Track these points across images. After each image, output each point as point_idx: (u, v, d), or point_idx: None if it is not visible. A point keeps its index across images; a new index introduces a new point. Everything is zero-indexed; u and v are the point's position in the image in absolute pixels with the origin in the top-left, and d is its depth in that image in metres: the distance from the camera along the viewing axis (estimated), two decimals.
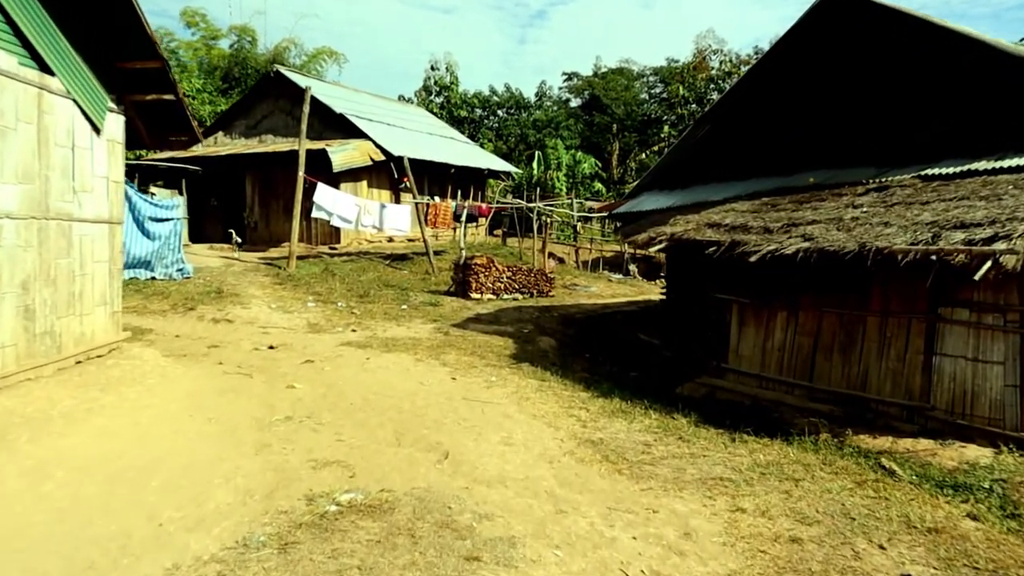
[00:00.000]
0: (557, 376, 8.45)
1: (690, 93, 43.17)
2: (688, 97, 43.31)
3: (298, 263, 17.01)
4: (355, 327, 11.37)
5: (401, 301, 13.78)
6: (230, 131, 22.71)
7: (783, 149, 9.98)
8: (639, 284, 19.28)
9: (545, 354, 10.09)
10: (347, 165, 18.84)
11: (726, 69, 42.93)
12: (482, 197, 24.82)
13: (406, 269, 17.64)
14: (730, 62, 43.10)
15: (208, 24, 35.13)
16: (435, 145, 24.12)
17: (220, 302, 12.39)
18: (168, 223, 14.73)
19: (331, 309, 12.71)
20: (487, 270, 14.26)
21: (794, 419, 7.25)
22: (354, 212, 17.07)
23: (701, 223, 8.28)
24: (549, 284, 15.34)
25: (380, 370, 8.34)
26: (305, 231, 20.20)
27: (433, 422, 6.22)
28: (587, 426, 6.34)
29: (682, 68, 44.59)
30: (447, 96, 44.93)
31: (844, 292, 7.39)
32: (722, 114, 10.87)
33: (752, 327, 8.22)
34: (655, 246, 8.06)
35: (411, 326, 11.74)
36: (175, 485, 4.54)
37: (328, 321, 11.71)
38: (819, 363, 7.62)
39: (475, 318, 12.54)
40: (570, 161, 29.98)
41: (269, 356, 9.22)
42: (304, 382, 7.70)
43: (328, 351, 9.48)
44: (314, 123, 21.57)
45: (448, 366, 8.65)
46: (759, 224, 7.69)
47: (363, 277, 15.94)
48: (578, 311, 14.14)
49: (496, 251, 21.38)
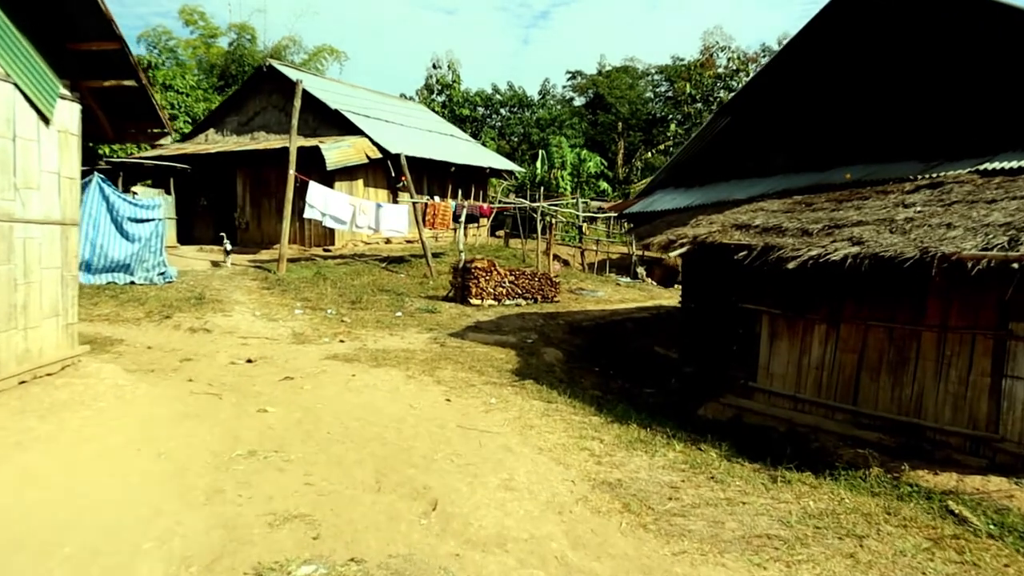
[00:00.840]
0: (565, 396, 7.53)
1: (697, 91, 42.23)
2: (695, 95, 42.36)
3: (289, 266, 16.13)
4: (344, 337, 10.46)
5: (396, 308, 12.88)
6: (221, 128, 21.84)
7: (814, 143, 9.05)
8: (649, 288, 18.34)
9: (551, 369, 9.17)
10: (342, 163, 17.95)
11: (734, 66, 41.97)
12: (484, 197, 23.91)
13: (403, 272, 16.74)
14: (738, 59, 42.12)
15: (207, 22, 34.36)
16: (435, 143, 23.22)
17: (200, 309, 11.50)
18: (149, 224, 13.85)
19: (320, 317, 11.81)
20: (488, 274, 13.34)
21: (838, 449, 6.32)
22: (348, 212, 16.17)
23: (727, 224, 7.36)
24: (554, 289, 14.42)
25: (366, 389, 7.43)
26: (298, 233, 19.33)
27: (421, 458, 5.31)
28: (602, 462, 5.42)
29: (689, 65, 43.60)
30: (449, 95, 44.04)
31: (894, 303, 6.46)
32: (744, 105, 9.94)
33: (785, 341, 7.29)
34: (676, 250, 7.15)
35: (405, 336, 10.83)
36: (92, 552, 3.63)
37: (315, 330, 10.80)
38: (864, 384, 6.68)
39: (475, 327, 11.63)
40: (575, 159, 29.02)
41: (245, 372, 8.32)
42: (279, 404, 6.79)
43: (311, 365, 8.58)
44: (308, 119, 20.72)
45: (443, 384, 7.74)
46: (795, 225, 6.76)
47: (356, 281, 15.04)
48: (585, 318, 13.22)
49: (498, 253, 20.46)
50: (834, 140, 8.81)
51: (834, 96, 8.80)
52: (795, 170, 9.23)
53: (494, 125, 48.47)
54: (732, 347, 7.92)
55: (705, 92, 42.94)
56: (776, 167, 9.55)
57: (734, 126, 10.09)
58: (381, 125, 21.11)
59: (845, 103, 8.66)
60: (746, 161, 10.05)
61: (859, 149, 8.47)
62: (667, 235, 7.80)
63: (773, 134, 9.63)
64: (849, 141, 8.62)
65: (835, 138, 8.80)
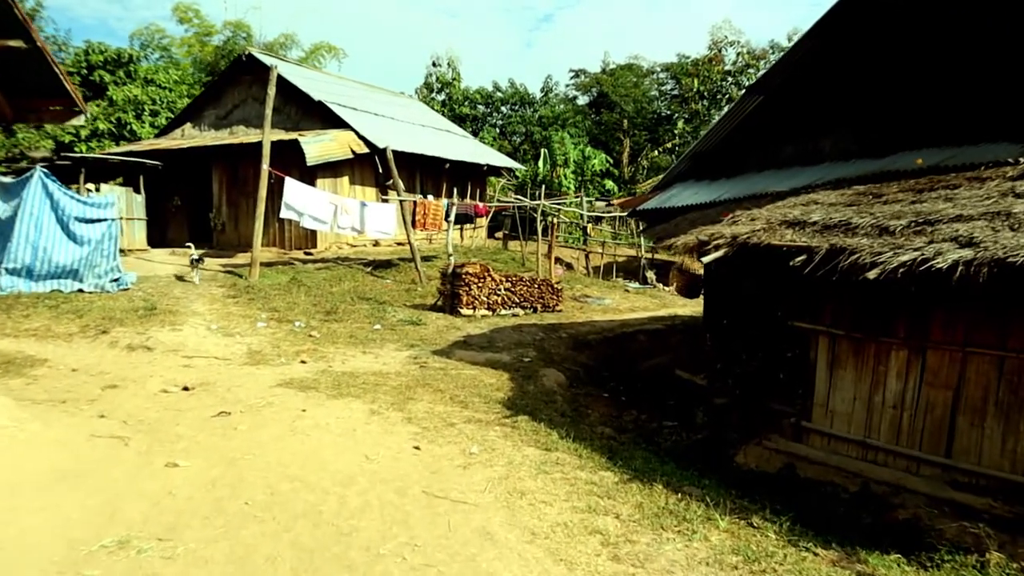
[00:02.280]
0: (568, 439, 5.94)
1: (705, 87, 40.63)
2: (703, 91, 40.78)
3: (264, 271, 14.59)
4: (308, 356, 8.89)
5: (376, 319, 11.31)
6: (199, 122, 20.34)
7: (870, 124, 7.47)
8: (660, 295, 16.71)
9: (551, 397, 7.58)
10: (324, 158, 16.40)
11: (744, 61, 40.35)
12: (482, 195, 22.34)
13: (389, 278, 15.18)
14: (748, 53, 40.50)
15: (202, 20, 32.86)
16: (428, 138, 21.67)
17: (147, 322, 9.94)
18: (100, 224, 12.32)
19: (285, 330, 10.24)
20: (481, 280, 11.77)
21: (934, 522, 4.72)
22: (329, 212, 14.61)
23: (774, 221, 5.77)
24: (556, 297, 12.83)
25: (315, 431, 5.85)
26: (277, 234, 17.81)
27: (363, 551, 3.73)
28: (620, 555, 3.83)
29: (696, 61, 41.96)
30: (449, 93, 42.55)
31: (1004, 322, 4.86)
32: (781, 82, 8.36)
33: (850, 370, 5.69)
34: (711, 253, 5.57)
35: (381, 353, 9.25)
36: None
37: (275, 348, 9.24)
38: (962, 430, 5.08)
39: (463, 342, 10.05)
40: (578, 157, 27.39)
41: (175, 403, 6.77)
42: (197, 454, 5.23)
43: (257, 395, 7.01)
44: (291, 112, 19.22)
45: (414, 422, 6.16)
46: (867, 222, 5.18)
47: (336, 288, 13.49)
48: (591, 331, 11.63)
49: (496, 256, 18.90)
50: (895, 120, 7.22)
51: (896, 66, 7.22)
52: (844, 156, 7.66)
53: (495, 124, 46.92)
54: (777, 375, 6.33)
55: (713, 89, 41.39)
56: (821, 153, 7.98)
57: (768, 107, 8.51)
58: (369, 118, 19.58)
59: (911, 74, 7.07)
60: (783, 147, 8.47)
61: (928, 130, 6.88)
62: (695, 235, 6.22)
63: (817, 114, 8.05)
64: (915, 120, 7.03)
65: (897, 117, 7.21)
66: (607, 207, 23.28)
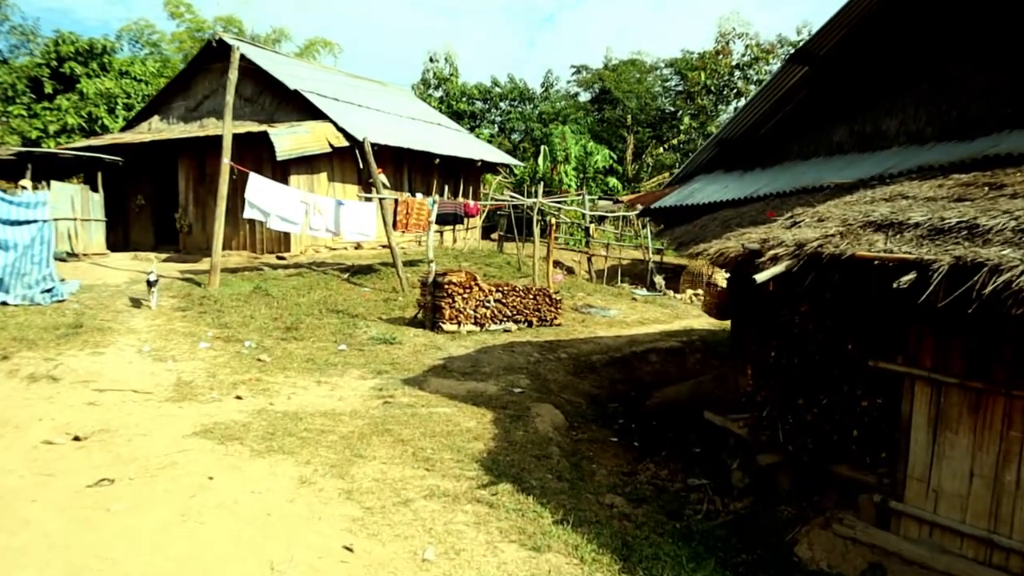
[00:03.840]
0: (565, 524, 4.30)
1: (712, 81, 38.93)
2: (710, 86, 39.10)
3: (227, 279, 12.97)
4: (248, 388, 7.25)
5: (343, 336, 9.67)
6: (167, 114, 18.73)
7: (952, 98, 5.82)
8: (672, 304, 15.00)
9: (545, 449, 5.92)
10: (297, 152, 14.77)
11: (753, 55, 38.63)
12: (476, 194, 20.66)
13: (368, 285, 13.54)
14: (757, 46, 38.79)
15: (194, 15, 31.26)
16: (417, 131, 20.02)
17: (66, 343, 8.31)
18: (29, 227, 10.69)
19: (231, 352, 8.60)
20: (467, 291, 10.12)
21: None
22: (299, 211, 12.97)
23: (853, 223, 4.12)
24: (554, 309, 11.17)
25: (215, 515, 4.22)
26: (247, 237, 16.18)
27: None
28: None
29: (703, 55, 40.23)
30: (446, 89, 40.94)
31: None
32: (829, 50, 6.68)
33: (965, 434, 4.04)
34: (768, 268, 3.94)
35: (339, 384, 7.61)
36: None
37: (211, 377, 7.60)
38: None
39: (443, 366, 8.41)
40: (580, 153, 25.67)
41: (52, 462, 5.14)
42: (29, 560, 3.61)
43: (162, 450, 5.38)
44: (265, 102, 17.60)
45: (355, 498, 4.51)
46: (1003, 224, 3.53)
47: (304, 299, 11.86)
48: (596, 350, 9.98)
49: (489, 260, 17.26)
50: (985, 94, 5.57)
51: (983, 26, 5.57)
52: (918, 140, 6.02)
53: (493, 120, 45.26)
54: (849, 430, 4.67)
55: (720, 83, 39.75)
56: (884, 137, 6.33)
57: (815, 80, 6.86)
58: (351, 109, 17.94)
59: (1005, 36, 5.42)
60: (834, 129, 6.82)
61: None
62: (738, 241, 4.57)
63: (880, 88, 6.39)
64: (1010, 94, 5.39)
65: (987, 91, 5.56)
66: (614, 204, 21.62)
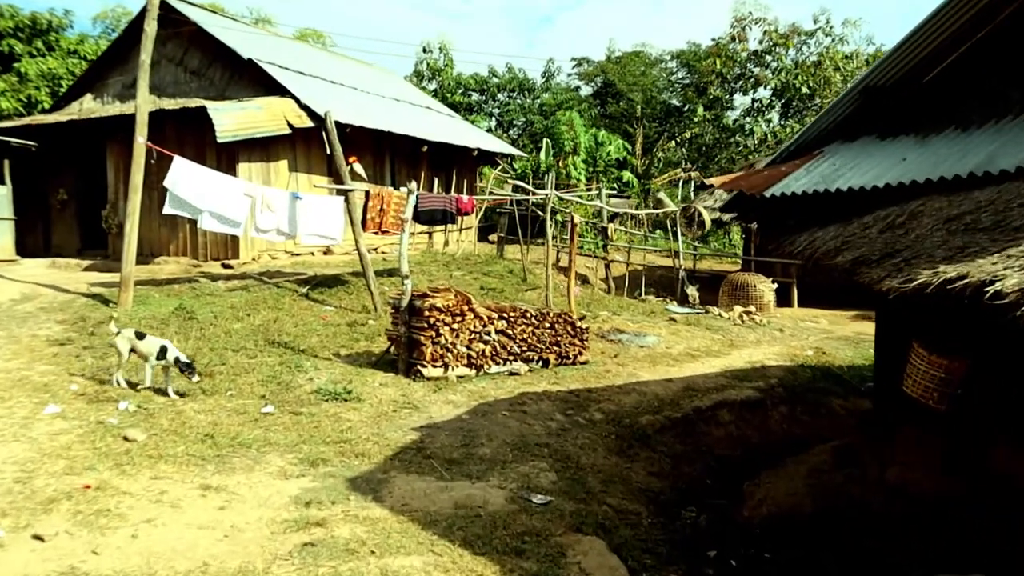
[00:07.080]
0: None
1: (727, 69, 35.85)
2: (725, 74, 36.05)
3: (149, 294, 9.94)
4: (71, 511, 4.19)
5: (276, 388, 6.62)
6: (101, 92, 15.64)
7: None
8: (718, 323, 11.85)
9: None
10: (244, 132, 11.70)
11: (772, 40, 35.59)
12: (471, 189, 17.57)
13: (333, 302, 10.47)
14: (776, 31, 35.75)
15: None
16: (402, 113, 16.96)
17: None
18: None
19: (87, 423, 5.53)
20: (457, 319, 7.06)
21: None
22: (242, 207, 9.87)
23: None
24: (579, 341, 8.11)
25: None
26: (188, 239, 13.12)
27: None
28: None
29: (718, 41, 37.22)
30: (440, 80, 37.90)
31: None
32: None
33: None
34: None
35: (239, 492, 4.55)
36: None
37: (24, 481, 4.52)
38: None
39: (416, 448, 5.36)
40: (590, 142, 22.63)
41: None
42: None
43: None
44: (215, 76, 14.50)
45: None
46: None
47: (240, 324, 8.80)
48: (642, 404, 6.93)
49: (488, 267, 14.18)
50: None
51: None
52: None
53: (490, 112, 42.15)
54: None
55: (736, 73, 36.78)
56: None
57: None
58: (321, 85, 14.89)
59: None
60: None
61: None
62: None
63: None
64: None
65: None
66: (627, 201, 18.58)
